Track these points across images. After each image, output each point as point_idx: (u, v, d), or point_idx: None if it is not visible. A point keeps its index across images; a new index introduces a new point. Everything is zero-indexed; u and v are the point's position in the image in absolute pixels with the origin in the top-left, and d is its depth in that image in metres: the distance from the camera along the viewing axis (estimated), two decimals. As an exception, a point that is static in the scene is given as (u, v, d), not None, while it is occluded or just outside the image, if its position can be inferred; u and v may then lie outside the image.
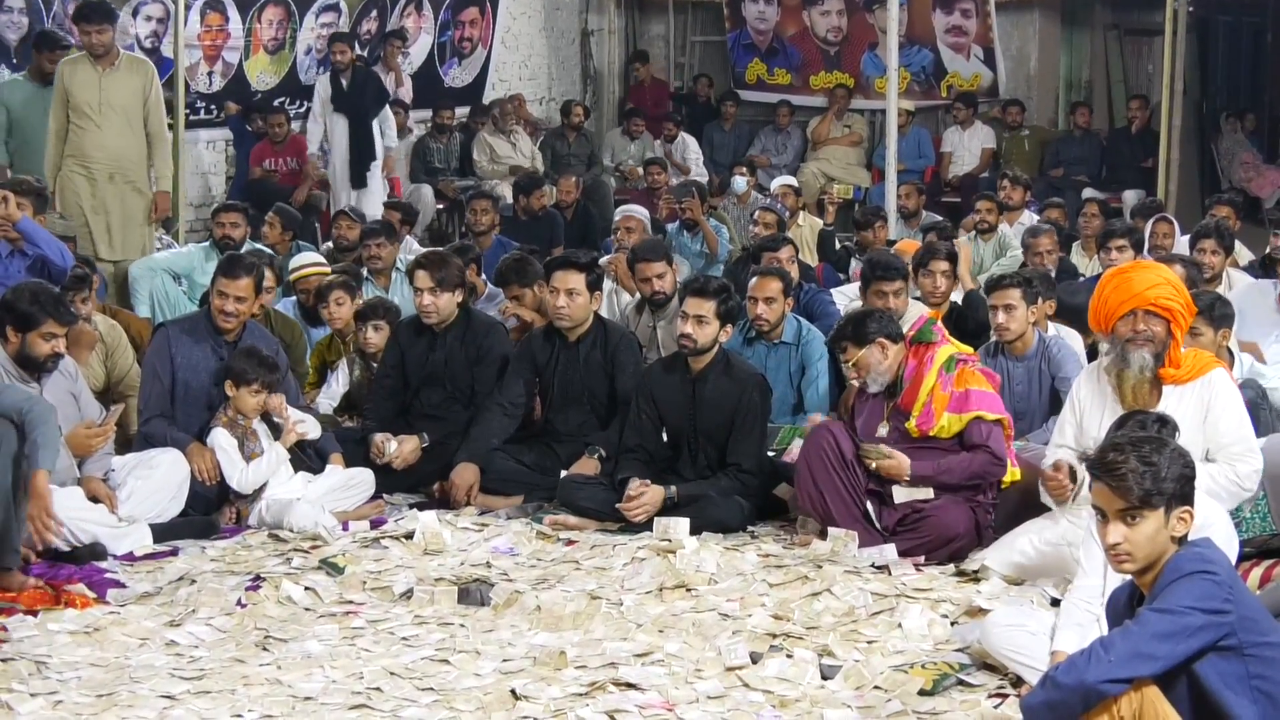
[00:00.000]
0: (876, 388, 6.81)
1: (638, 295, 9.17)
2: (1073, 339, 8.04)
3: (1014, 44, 17.20)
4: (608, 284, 9.40)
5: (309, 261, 9.85)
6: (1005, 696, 5.11)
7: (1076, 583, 5.22)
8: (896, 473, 6.60)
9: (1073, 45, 17.42)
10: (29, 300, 6.74)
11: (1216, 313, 7.26)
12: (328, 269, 9.73)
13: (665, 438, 7.37)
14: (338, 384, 8.68)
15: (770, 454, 7.44)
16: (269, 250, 10.50)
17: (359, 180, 13.64)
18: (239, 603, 6.05)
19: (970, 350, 6.96)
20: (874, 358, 6.74)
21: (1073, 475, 5.97)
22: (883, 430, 6.81)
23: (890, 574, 6.30)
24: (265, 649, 5.62)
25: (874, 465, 6.60)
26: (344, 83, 13.70)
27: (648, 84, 18.28)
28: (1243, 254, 10.90)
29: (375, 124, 13.80)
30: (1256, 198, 16.81)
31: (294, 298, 9.71)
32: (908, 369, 6.78)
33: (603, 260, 9.65)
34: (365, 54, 15.38)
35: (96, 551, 6.61)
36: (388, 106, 14.16)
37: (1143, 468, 4.10)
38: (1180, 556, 4.10)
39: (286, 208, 11.78)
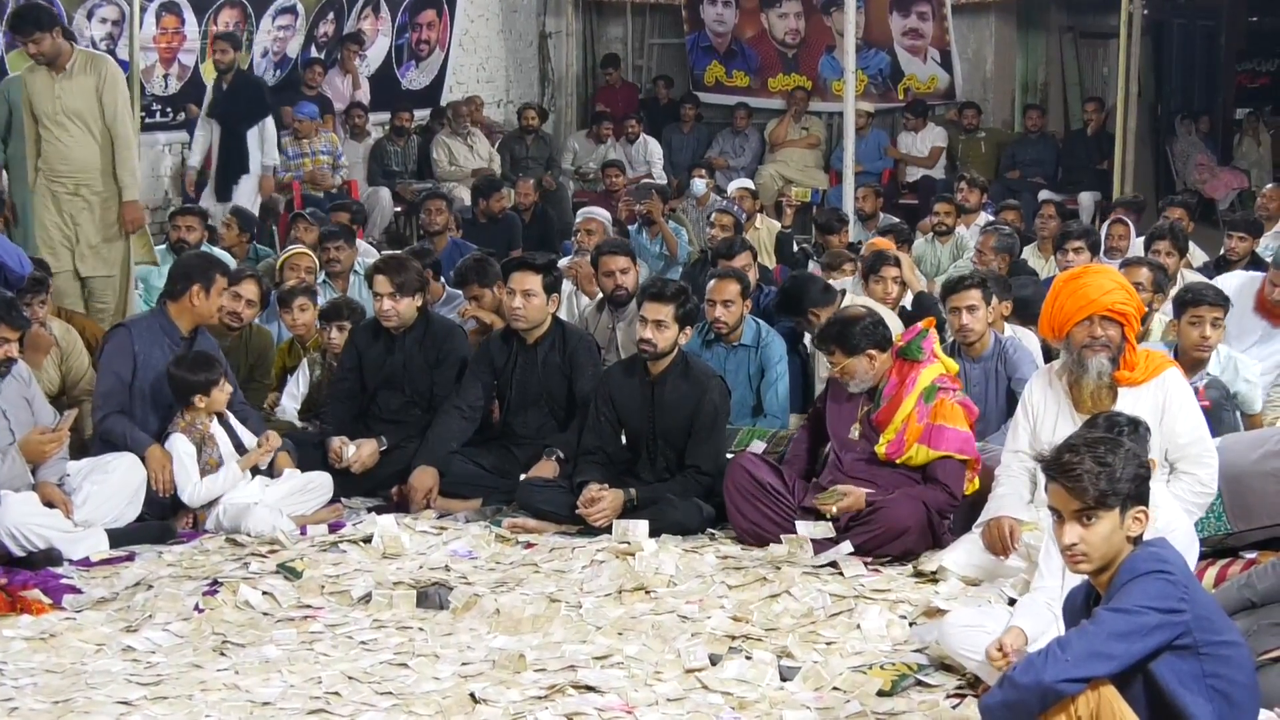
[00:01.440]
0: (858, 389, 6.83)
1: (597, 298, 9.18)
2: (1028, 339, 8.07)
3: (970, 47, 17.26)
4: (567, 287, 9.40)
5: (300, 249, 9.93)
6: (963, 697, 5.13)
7: (1034, 584, 5.25)
8: (855, 507, 6.61)
9: (1029, 48, 17.48)
10: None
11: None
12: (312, 256, 9.76)
13: (624, 440, 7.38)
14: (299, 387, 8.65)
15: (729, 456, 7.44)
16: (226, 253, 10.48)
17: (224, 193, 12.83)
18: (196, 608, 6.02)
19: (954, 369, 6.95)
20: (861, 367, 6.77)
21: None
22: (854, 433, 6.84)
23: (845, 575, 6.31)
24: (223, 654, 5.59)
25: (834, 511, 6.59)
26: (224, 85, 13.05)
27: (618, 87, 18.29)
28: (1197, 255, 10.97)
29: (254, 136, 13.01)
30: (1211, 199, 16.93)
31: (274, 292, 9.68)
32: (889, 384, 6.80)
33: (562, 263, 9.65)
34: (323, 56, 15.35)
35: (52, 557, 6.57)
36: (270, 121, 13.18)
37: (1098, 468, 4.13)
38: (1136, 556, 4.14)
39: (244, 209, 11.76)
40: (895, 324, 7.88)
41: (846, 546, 6.51)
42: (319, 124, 14.34)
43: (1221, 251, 10.70)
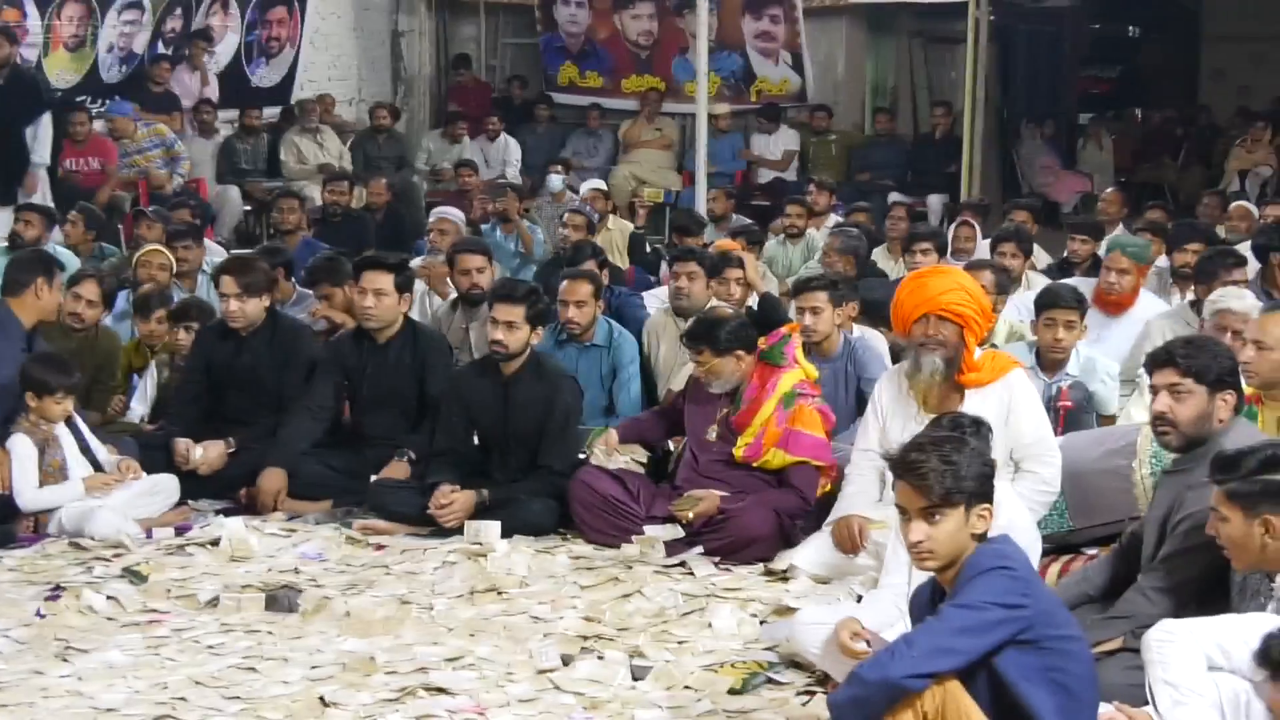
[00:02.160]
0: (719, 390, 6.86)
1: (450, 298, 9.14)
2: (877, 340, 8.16)
3: (821, 50, 17.43)
4: (420, 287, 9.35)
5: (154, 248, 9.69)
6: (813, 694, 5.18)
7: (882, 580, 5.32)
8: (710, 512, 6.64)
9: (878, 52, 17.71)
10: None
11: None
12: (166, 254, 9.57)
13: (476, 440, 7.35)
14: (148, 389, 8.51)
15: (581, 456, 7.46)
16: (69, 251, 10.29)
17: (8, 196, 12.03)
18: (38, 613, 5.91)
19: (814, 375, 7.01)
20: (728, 367, 6.81)
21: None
22: (711, 435, 6.89)
23: (696, 574, 6.34)
24: (65, 660, 5.49)
25: (690, 516, 6.62)
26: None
27: (471, 86, 18.21)
28: (1041, 257, 11.17)
29: (29, 133, 12.28)
30: (1055, 202, 17.25)
31: (125, 291, 9.50)
32: (749, 387, 6.84)
33: (415, 262, 9.59)
34: (170, 52, 15.12)
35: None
36: (47, 118, 12.45)
37: (943, 466, 4.19)
38: (979, 553, 4.20)
39: (90, 207, 11.52)
40: None
41: (698, 550, 6.55)
42: (134, 121, 14.04)
43: (1065, 254, 10.90)
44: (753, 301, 9.09)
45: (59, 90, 13.97)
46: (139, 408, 8.44)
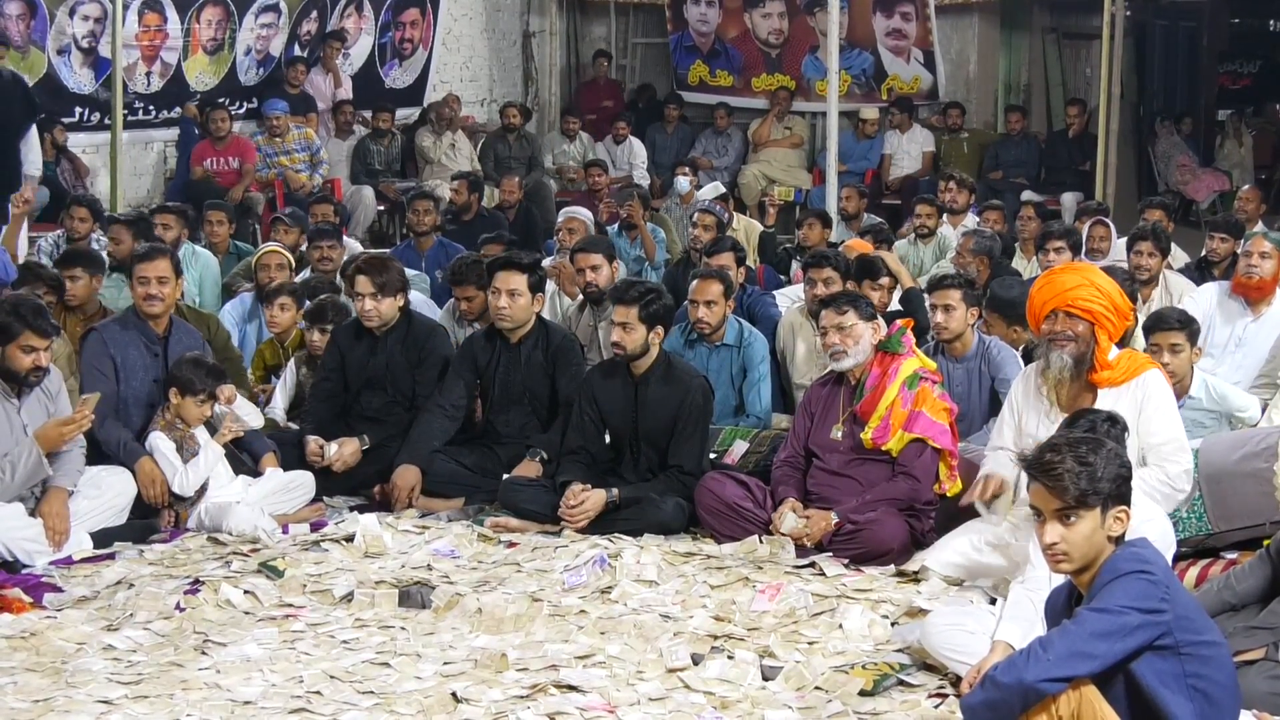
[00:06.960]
0: (847, 366, 6.81)
1: (579, 298, 9.19)
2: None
3: (953, 47, 17.29)
4: (550, 286, 9.40)
5: (272, 247, 9.83)
6: (945, 696, 5.14)
7: (1026, 574, 5.26)
8: (828, 528, 6.61)
9: (1011, 48, 17.52)
10: (7, 311, 6.64)
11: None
12: (284, 253, 9.69)
13: (607, 440, 7.37)
14: (287, 387, 8.62)
15: (712, 456, 7.45)
16: (208, 250, 10.47)
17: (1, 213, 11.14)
18: (177, 606, 6.01)
19: (933, 366, 6.98)
20: (866, 336, 6.79)
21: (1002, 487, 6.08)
22: (837, 434, 6.86)
23: (827, 574, 6.32)
24: (204, 653, 5.58)
25: (814, 540, 6.60)
26: None
27: (603, 83, 18.28)
28: (1178, 256, 10.99)
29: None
30: (1192, 200, 16.97)
31: (248, 293, 9.64)
32: (871, 376, 6.81)
33: (546, 262, 9.64)
34: (305, 54, 15.32)
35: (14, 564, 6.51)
36: (34, 127, 11.45)
37: (1079, 468, 4.14)
38: (1117, 556, 4.14)
39: (225, 205, 11.70)
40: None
41: (829, 555, 6.53)
42: (288, 119, 14.26)
43: (1203, 253, 10.73)
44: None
45: (198, 93, 14.24)
46: (278, 404, 8.56)
